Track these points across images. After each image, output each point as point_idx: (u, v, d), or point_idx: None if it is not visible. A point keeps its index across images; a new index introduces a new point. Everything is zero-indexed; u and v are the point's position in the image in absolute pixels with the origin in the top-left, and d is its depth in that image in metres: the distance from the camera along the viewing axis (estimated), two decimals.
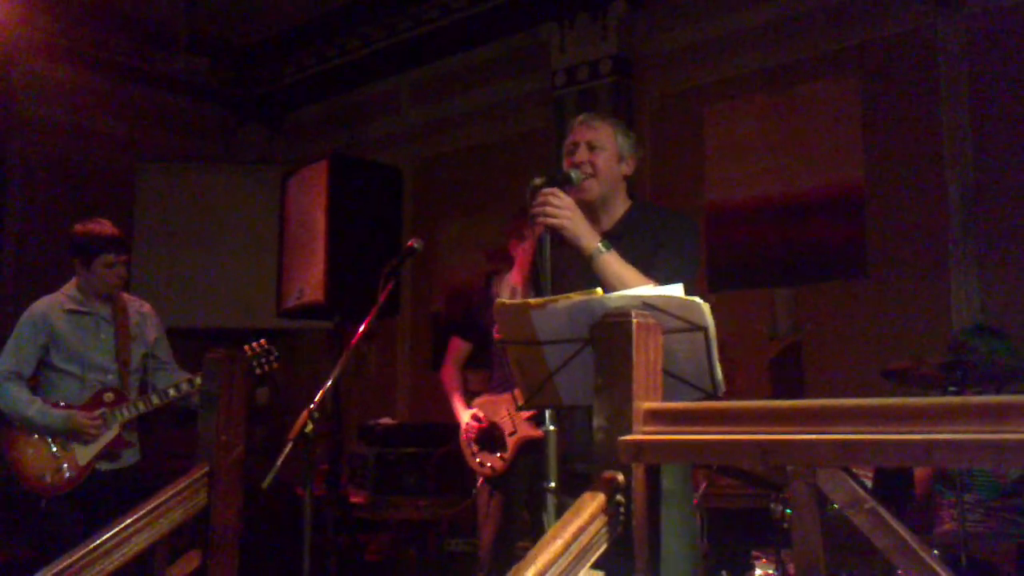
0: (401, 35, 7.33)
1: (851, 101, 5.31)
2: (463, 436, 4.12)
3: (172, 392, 4.03)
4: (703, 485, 3.80)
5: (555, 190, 2.71)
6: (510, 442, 4.01)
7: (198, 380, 4.01)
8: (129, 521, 2.59)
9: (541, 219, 2.67)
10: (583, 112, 3.12)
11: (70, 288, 4.14)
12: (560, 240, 2.74)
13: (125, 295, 4.28)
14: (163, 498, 2.68)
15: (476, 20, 6.88)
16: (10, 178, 7.13)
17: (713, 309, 2.16)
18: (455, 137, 7.34)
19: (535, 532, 3.47)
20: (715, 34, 5.87)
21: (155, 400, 4.04)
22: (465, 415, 4.14)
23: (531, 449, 3.88)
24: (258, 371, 4.09)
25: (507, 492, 4.03)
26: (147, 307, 4.32)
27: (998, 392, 3.58)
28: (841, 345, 5.17)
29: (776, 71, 5.62)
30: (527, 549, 3.44)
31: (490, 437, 4.06)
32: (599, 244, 2.68)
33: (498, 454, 4.03)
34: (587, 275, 2.71)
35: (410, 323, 7.18)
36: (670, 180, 5.79)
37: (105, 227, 4.10)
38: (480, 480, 4.12)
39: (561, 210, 2.68)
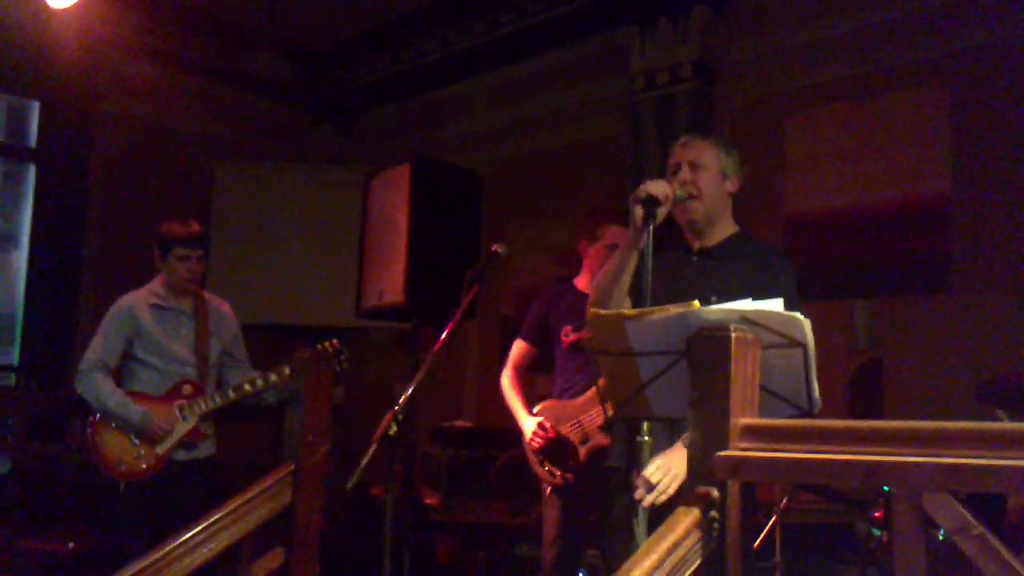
0: (477, 38, 7.35)
1: (939, 111, 5.19)
2: (529, 445, 4.07)
3: (248, 387, 4.15)
4: (783, 500, 3.74)
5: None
6: (582, 451, 3.96)
7: (273, 377, 4.13)
8: (217, 516, 2.64)
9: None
10: (661, 118, 3.11)
11: (156, 285, 4.31)
12: (657, 248, 2.72)
13: (206, 294, 4.41)
14: (250, 495, 2.72)
15: (554, 23, 6.87)
16: (93, 174, 7.30)
17: None
18: (530, 141, 7.34)
19: (605, 537, 3.43)
20: (799, 42, 5.78)
21: (232, 395, 4.18)
22: (530, 423, 4.05)
23: (600, 457, 3.84)
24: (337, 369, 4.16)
25: (574, 499, 3.99)
26: (226, 306, 4.48)
27: None
28: (923, 362, 5.05)
29: (860, 80, 5.52)
30: (595, 556, 3.42)
31: (558, 446, 4.01)
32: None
33: (570, 462, 3.98)
34: (684, 284, 2.70)
35: (480, 326, 7.20)
36: (750, 188, 5.69)
37: (183, 224, 4.26)
38: (548, 489, 4.08)
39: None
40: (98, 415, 4.11)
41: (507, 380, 4.29)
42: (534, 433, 4.00)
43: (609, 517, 3.24)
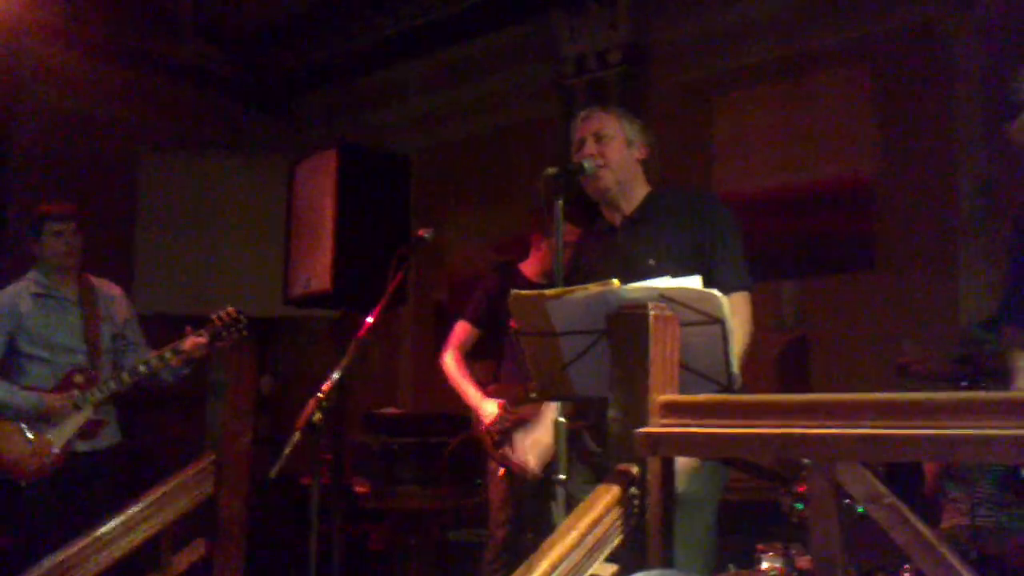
0: (408, 22, 7.27)
1: (863, 92, 5.27)
2: (488, 427, 4.02)
3: (142, 368, 3.99)
4: None
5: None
6: None
7: (167, 354, 3.97)
8: (135, 509, 2.58)
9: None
10: (592, 102, 3.13)
11: (34, 272, 4.15)
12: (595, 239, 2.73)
13: (92, 278, 4.26)
14: (169, 486, 2.67)
15: (484, 8, 6.82)
16: (14, 165, 7.09)
17: None
18: (462, 126, 7.30)
19: (541, 522, 3.43)
20: (726, 23, 5.82)
21: (126, 378, 4.00)
22: (490, 406, 3.99)
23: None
24: (226, 340, 3.98)
25: (519, 482, 3.98)
26: (117, 289, 4.33)
27: (1007, 386, 3.55)
28: (848, 339, 5.13)
29: (787, 61, 5.58)
30: (534, 541, 3.43)
31: (516, 429, 3.98)
32: None
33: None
34: (617, 258, 2.73)
35: (413, 313, 7.15)
36: (678, 170, 5.76)
37: (54, 202, 4.16)
38: (501, 471, 4.04)
39: None
40: None
41: (451, 361, 4.19)
42: (499, 415, 3.95)
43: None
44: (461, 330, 4.27)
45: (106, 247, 5.41)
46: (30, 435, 3.91)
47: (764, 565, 3.69)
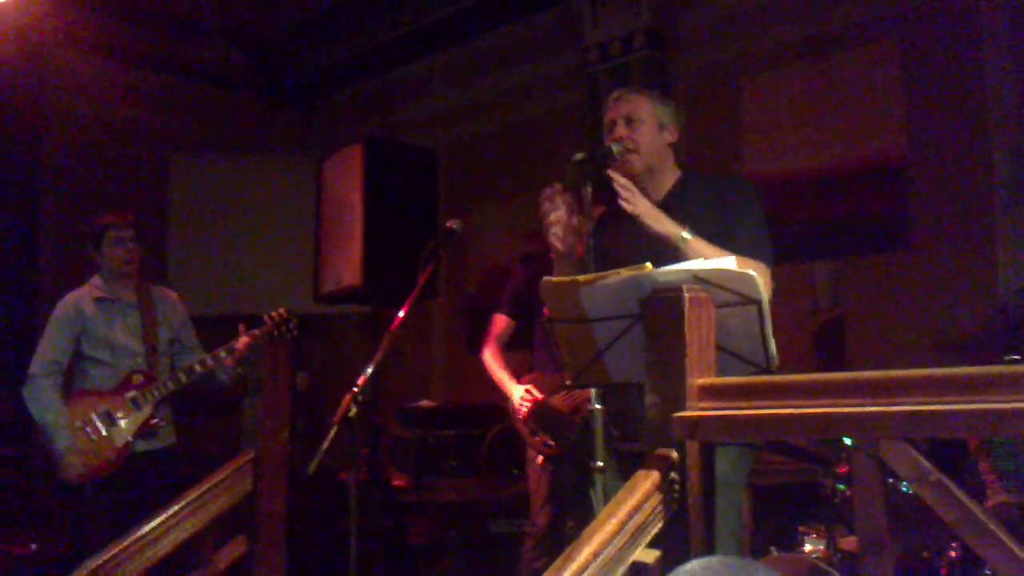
0: (430, 16, 7.27)
1: (891, 69, 5.19)
2: (518, 411, 4.03)
3: (198, 368, 4.10)
4: None
5: (627, 183, 2.68)
6: (576, 421, 3.93)
7: (222, 354, 4.07)
8: (176, 508, 2.60)
9: (623, 205, 2.65)
10: (617, 88, 3.08)
11: (95, 279, 4.28)
12: (613, 220, 2.70)
13: (149, 284, 4.40)
14: (209, 484, 2.69)
15: None
16: (44, 172, 7.16)
17: None
18: (488, 117, 7.29)
19: (580, 511, 3.43)
20: (749, 5, 5.77)
21: (183, 378, 4.12)
22: (517, 390, 3.99)
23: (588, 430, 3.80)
24: (280, 338, 4.04)
25: (560, 470, 3.97)
26: (172, 295, 4.46)
27: None
28: (884, 318, 5.07)
29: (813, 40, 5.51)
30: (575, 530, 3.42)
31: (548, 416, 3.98)
32: (683, 232, 2.64)
33: (563, 431, 3.94)
34: (638, 252, 2.68)
35: (445, 306, 7.16)
36: (707, 154, 5.71)
37: (112, 212, 4.26)
38: (540, 459, 4.04)
39: (637, 199, 2.66)
40: None
41: (489, 355, 4.22)
42: (522, 399, 3.96)
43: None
44: (499, 322, 4.28)
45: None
46: (92, 435, 3.99)
47: (807, 547, 3.67)
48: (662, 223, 2.66)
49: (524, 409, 3.93)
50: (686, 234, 2.63)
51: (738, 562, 1.60)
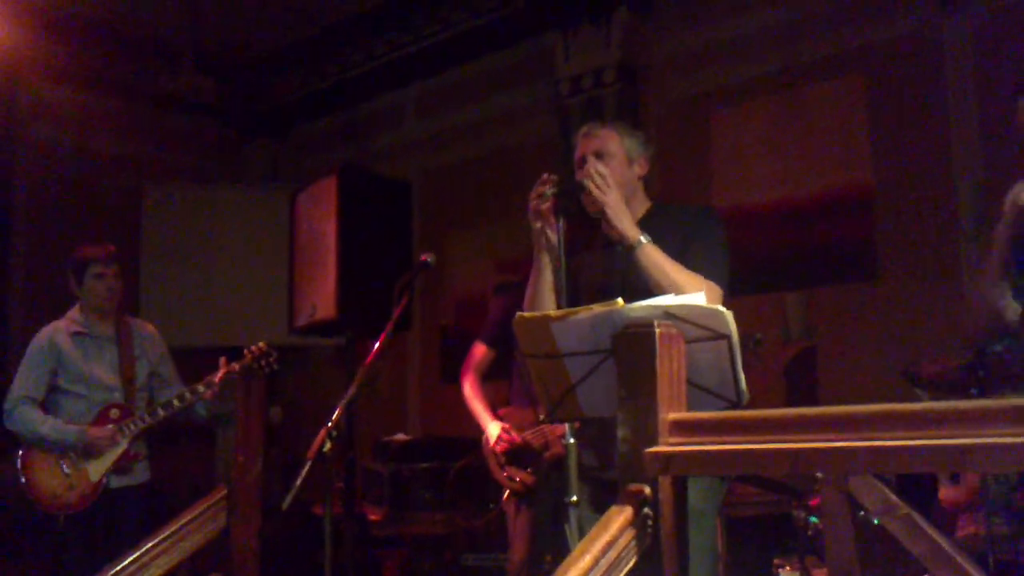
0: (404, 48, 7.33)
1: (857, 102, 5.29)
2: (491, 448, 4.03)
3: (176, 403, 4.09)
4: None
5: (605, 171, 2.70)
6: (545, 456, 3.94)
7: (201, 388, 4.06)
8: (150, 545, 2.58)
9: (592, 191, 2.66)
10: (588, 122, 3.11)
11: (74, 312, 4.28)
12: (584, 246, 2.71)
13: (128, 317, 4.38)
14: (183, 521, 2.67)
15: (478, 32, 6.88)
16: (16, 201, 7.13)
17: None
18: (461, 149, 7.33)
19: (558, 546, 3.42)
20: (719, 39, 5.86)
21: (161, 413, 4.12)
22: (494, 428, 4.02)
23: (561, 465, 3.81)
24: (258, 372, 4.05)
25: (536, 506, 3.97)
26: (150, 328, 4.45)
27: (1015, 391, 3.54)
28: (854, 349, 5.13)
29: (781, 74, 5.61)
30: (552, 565, 3.42)
31: (520, 451, 3.99)
32: (641, 235, 2.66)
33: (528, 469, 3.96)
34: (608, 279, 2.71)
35: (419, 337, 7.16)
36: (677, 185, 5.78)
37: (96, 245, 4.27)
38: (507, 494, 4.05)
39: (609, 191, 2.68)
40: (21, 452, 4.02)
41: (468, 387, 4.24)
42: (498, 437, 3.97)
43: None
44: (478, 351, 4.29)
45: None
46: (67, 468, 4.01)
47: None
48: (623, 222, 2.68)
49: (501, 447, 3.94)
50: (643, 239, 2.65)
51: None
